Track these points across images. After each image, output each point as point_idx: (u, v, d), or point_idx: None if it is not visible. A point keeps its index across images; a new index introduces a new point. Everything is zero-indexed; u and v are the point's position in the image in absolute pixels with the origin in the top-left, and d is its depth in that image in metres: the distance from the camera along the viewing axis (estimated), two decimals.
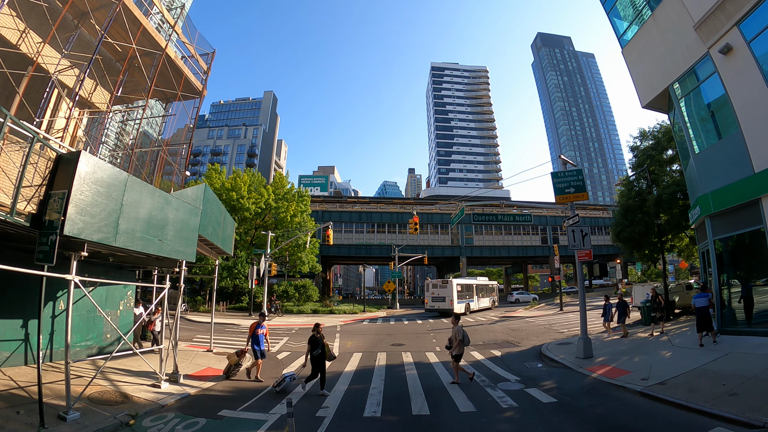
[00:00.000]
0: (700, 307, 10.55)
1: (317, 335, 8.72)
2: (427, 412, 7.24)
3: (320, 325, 9.12)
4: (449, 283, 29.23)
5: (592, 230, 31.30)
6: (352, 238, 50.80)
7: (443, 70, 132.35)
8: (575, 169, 12.90)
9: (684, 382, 7.70)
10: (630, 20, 14.67)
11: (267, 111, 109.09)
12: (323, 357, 8.62)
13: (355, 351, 14.26)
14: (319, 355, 8.55)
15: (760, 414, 5.61)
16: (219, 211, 12.36)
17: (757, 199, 9.80)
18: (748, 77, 9.74)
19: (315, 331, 8.83)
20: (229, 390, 9.16)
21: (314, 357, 8.56)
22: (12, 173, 5.88)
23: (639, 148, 21.71)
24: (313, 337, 8.68)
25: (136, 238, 7.45)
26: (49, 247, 5.89)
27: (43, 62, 10.16)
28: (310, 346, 8.62)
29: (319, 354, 8.56)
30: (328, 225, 25.53)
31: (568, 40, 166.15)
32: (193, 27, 15.31)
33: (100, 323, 10.86)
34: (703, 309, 10.50)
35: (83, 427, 6.11)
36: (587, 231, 12.04)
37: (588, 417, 6.70)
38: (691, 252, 22.85)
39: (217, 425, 6.74)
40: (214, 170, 35.05)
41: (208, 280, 30.84)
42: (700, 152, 12.33)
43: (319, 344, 8.61)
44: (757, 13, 9.35)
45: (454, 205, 47.54)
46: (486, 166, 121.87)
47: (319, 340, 8.65)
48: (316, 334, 8.74)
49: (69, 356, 6.44)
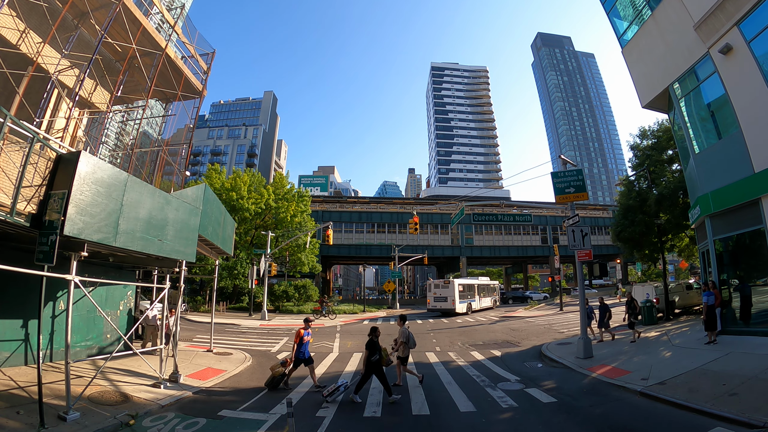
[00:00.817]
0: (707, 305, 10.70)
1: (375, 339, 8.02)
2: (427, 412, 7.24)
3: (377, 329, 8.37)
4: (451, 284, 29.43)
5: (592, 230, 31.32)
6: (352, 238, 50.80)
7: (443, 70, 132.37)
8: (575, 169, 12.90)
9: (684, 382, 7.70)
10: (630, 20, 14.68)
11: (267, 111, 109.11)
12: (380, 363, 7.94)
13: (356, 351, 14.26)
14: (377, 360, 7.85)
15: (760, 414, 5.61)
16: (219, 211, 12.36)
17: (757, 199, 9.80)
18: (748, 77, 9.74)
19: (373, 335, 8.10)
20: (230, 390, 9.16)
21: (372, 363, 7.82)
22: (12, 173, 5.88)
23: (639, 147, 21.72)
24: (371, 342, 7.98)
25: (136, 238, 7.44)
26: (49, 247, 5.89)
27: (43, 62, 10.16)
28: (368, 351, 7.89)
29: (377, 360, 7.87)
30: (328, 225, 25.54)
31: (568, 40, 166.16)
32: (193, 27, 15.32)
33: (100, 323, 10.86)
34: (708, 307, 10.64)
35: (83, 427, 6.11)
36: (587, 231, 12.04)
37: (588, 417, 6.70)
38: (692, 252, 22.87)
39: (217, 425, 6.74)
40: (214, 170, 35.05)
41: (208, 280, 30.84)
42: (700, 152, 12.33)
43: (378, 349, 7.93)
44: (757, 13, 9.35)
45: (454, 205, 47.57)
46: (486, 166, 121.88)
47: (377, 344, 7.98)
48: (374, 338, 8.03)
49: (69, 356, 6.44)
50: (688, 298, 19.41)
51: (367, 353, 7.91)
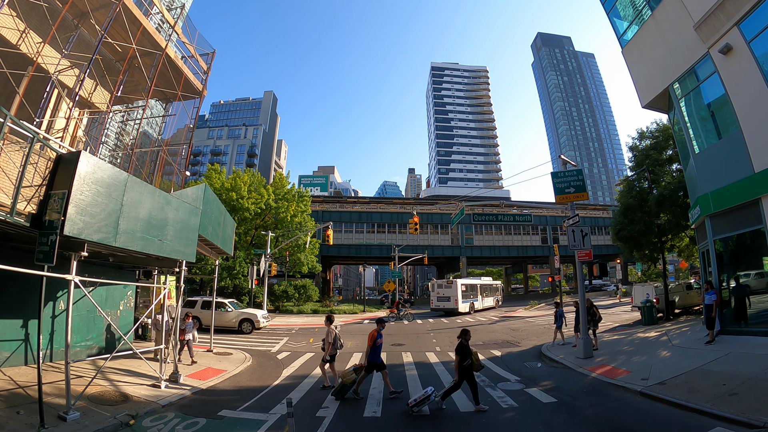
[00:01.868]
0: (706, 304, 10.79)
1: (466, 342, 7.50)
2: (428, 413, 7.24)
3: (468, 332, 7.80)
4: (454, 284, 29.76)
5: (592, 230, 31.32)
6: (352, 238, 50.79)
7: (443, 70, 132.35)
8: (575, 169, 12.90)
9: (684, 382, 7.70)
10: (630, 20, 14.67)
11: (267, 111, 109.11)
12: (471, 368, 7.42)
13: (355, 351, 14.27)
14: (468, 365, 7.34)
15: (760, 414, 5.60)
16: (219, 211, 12.36)
17: (757, 199, 9.80)
18: (748, 77, 9.73)
19: (463, 338, 7.57)
20: (230, 390, 9.16)
21: (464, 368, 7.30)
22: (12, 173, 5.88)
23: (638, 148, 21.74)
24: (462, 345, 7.43)
25: (136, 238, 7.45)
26: (49, 247, 5.89)
27: (43, 62, 10.16)
28: (459, 356, 7.32)
29: (469, 365, 7.35)
30: (328, 225, 25.57)
31: (568, 40, 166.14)
32: (193, 27, 15.33)
33: (100, 323, 10.87)
34: (707, 306, 10.72)
35: (83, 427, 6.11)
36: (587, 231, 12.04)
37: (588, 417, 6.70)
38: (691, 252, 22.84)
39: (217, 425, 6.74)
40: (214, 170, 35.03)
41: (208, 280, 30.82)
42: (700, 152, 12.32)
43: (469, 353, 7.41)
44: (757, 13, 9.35)
45: (454, 205, 47.56)
46: (486, 166, 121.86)
47: (468, 348, 7.47)
48: (464, 341, 7.50)
49: (69, 356, 6.44)
50: (688, 298, 19.40)
51: (458, 358, 7.32)
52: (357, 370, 8.44)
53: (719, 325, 10.84)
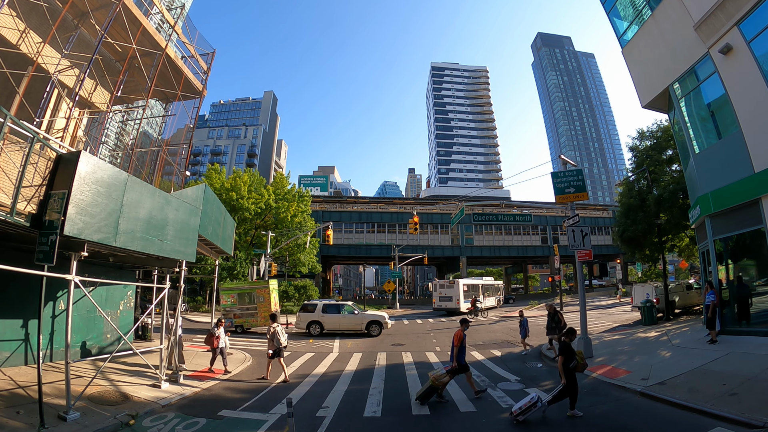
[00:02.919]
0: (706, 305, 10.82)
1: (569, 342, 6.99)
2: (428, 413, 7.24)
3: (574, 331, 7.30)
4: (456, 284, 30.37)
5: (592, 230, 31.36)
6: (352, 238, 50.78)
7: (443, 70, 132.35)
8: (575, 169, 12.90)
9: (684, 382, 7.70)
10: (630, 20, 14.67)
11: (267, 111, 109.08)
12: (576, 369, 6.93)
13: (356, 351, 14.26)
14: (573, 366, 6.83)
15: (760, 414, 5.60)
16: (219, 211, 12.36)
17: (757, 199, 9.80)
18: (748, 77, 9.73)
19: (568, 337, 7.06)
20: (230, 390, 9.16)
21: (569, 369, 6.79)
22: (12, 173, 5.88)
23: (638, 149, 21.74)
24: (567, 346, 6.92)
25: (136, 238, 7.45)
26: (49, 247, 5.89)
27: (43, 62, 10.16)
28: (564, 357, 6.79)
29: (574, 366, 6.84)
30: (328, 225, 25.58)
31: (568, 40, 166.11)
32: (193, 27, 15.33)
33: (100, 323, 10.87)
34: (708, 307, 10.74)
35: (83, 427, 6.11)
36: (587, 231, 12.04)
37: (588, 417, 6.69)
38: (692, 252, 22.85)
39: (218, 425, 6.74)
40: (214, 170, 35.04)
41: (208, 281, 30.83)
42: (700, 152, 12.32)
43: (574, 354, 6.86)
44: (757, 13, 9.35)
45: (454, 205, 47.50)
46: (486, 166, 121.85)
47: (572, 348, 6.96)
48: (568, 340, 7.00)
49: (69, 356, 6.44)
50: (688, 298, 19.39)
51: (562, 359, 6.79)
52: (450, 372, 7.95)
53: (719, 325, 10.85)
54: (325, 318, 18.40)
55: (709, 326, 10.75)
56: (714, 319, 10.61)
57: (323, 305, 19.02)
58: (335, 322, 18.50)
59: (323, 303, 19.33)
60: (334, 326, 18.49)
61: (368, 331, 18.53)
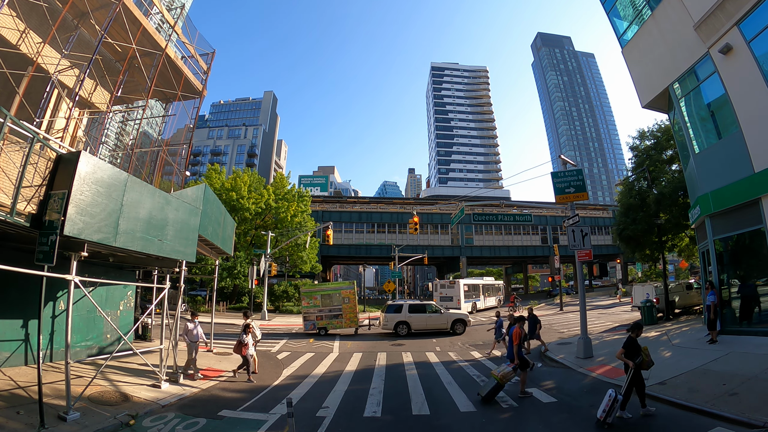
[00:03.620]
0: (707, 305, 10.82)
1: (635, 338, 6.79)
2: (427, 412, 7.24)
3: (641, 325, 7.09)
4: (456, 284, 30.57)
5: (592, 230, 31.40)
6: (352, 238, 50.78)
7: (443, 70, 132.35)
8: (575, 169, 12.90)
9: (684, 381, 7.70)
10: (630, 20, 14.67)
11: (267, 111, 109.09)
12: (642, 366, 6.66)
13: (356, 351, 14.26)
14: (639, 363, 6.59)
15: (760, 414, 5.60)
16: (219, 212, 12.36)
17: (757, 198, 9.80)
18: (748, 77, 9.73)
19: (634, 332, 6.86)
20: (230, 390, 9.16)
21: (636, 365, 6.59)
22: (12, 173, 5.88)
23: (638, 149, 21.76)
24: (633, 342, 6.70)
25: (136, 238, 7.45)
26: (49, 247, 5.89)
27: (43, 62, 10.16)
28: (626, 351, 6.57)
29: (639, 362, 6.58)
30: (328, 225, 25.58)
31: (568, 40, 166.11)
32: (193, 27, 15.33)
33: (100, 323, 10.86)
34: (708, 307, 10.74)
35: (83, 427, 6.11)
36: (587, 231, 12.04)
37: (588, 417, 6.68)
38: (692, 252, 22.85)
39: (218, 425, 6.74)
40: (214, 170, 35.06)
41: (208, 281, 30.82)
42: (700, 152, 12.32)
43: (640, 351, 6.63)
44: (757, 13, 9.35)
45: (454, 205, 47.48)
46: (486, 166, 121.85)
47: (638, 344, 6.72)
48: (633, 335, 6.81)
49: (69, 356, 6.44)
50: (688, 298, 19.40)
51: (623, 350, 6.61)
52: (515, 368, 7.93)
53: (719, 325, 10.85)
54: (412, 318, 18.49)
55: (710, 326, 10.75)
56: (715, 320, 10.62)
57: (409, 305, 19.04)
58: (422, 321, 18.62)
59: (408, 303, 19.32)
60: (421, 326, 18.58)
61: (453, 330, 18.55)
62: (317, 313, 18.84)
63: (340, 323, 18.81)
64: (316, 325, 18.66)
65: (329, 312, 18.86)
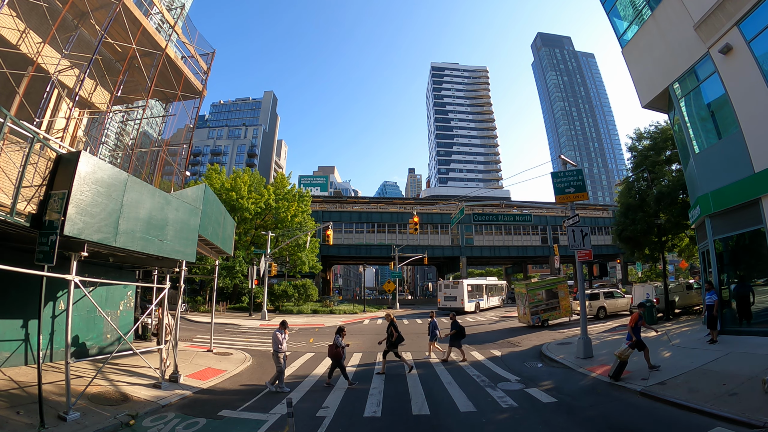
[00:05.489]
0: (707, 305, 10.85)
1: None
2: (428, 412, 7.23)
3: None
4: (460, 284, 31.27)
5: (592, 230, 31.45)
6: (352, 238, 50.77)
7: (443, 70, 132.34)
8: (575, 169, 12.90)
9: (684, 381, 7.70)
10: (630, 20, 14.68)
11: (267, 111, 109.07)
12: None
13: (356, 351, 14.26)
14: None
15: (760, 414, 5.60)
16: (219, 212, 12.35)
17: (757, 198, 9.80)
18: (748, 77, 9.74)
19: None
20: (230, 390, 9.16)
21: None
22: (12, 173, 5.88)
23: (637, 149, 21.77)
24: None
25: (136, 238, 7.45)
26: (49, 247, 5.89)
27: (43, 62, 10.16)
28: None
29: None
30: (328, 225, 25.56)
31: (568, 40, 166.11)
32: (193, 27, 15.32)
33: (100, 323, 10.87)
34: (709, 306, 10.77)
35: (83, 427, 6.11)
36: (587, 231, 12.04)
37: (588, 417, 6.70)
38: (692, 252, 22.86)
39: (218, 425, 6.74)
40: (214, 170, 35.04)
41: (208, 280, 30.84)
42: (700, 152, 12.33)
43: None
44: (757, 13, 9.36)
45: (454, 205, 47.51)
46: (486, 166, 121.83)
47: None
48: None
49: (69, 356, 6.44)
50: (688, 298, 19.42)
51: None
52: (632, 345, 8.64)
53: (719, 325, 10.85)
54: (608, 302, 21.87)
55: (710, 326, 10.76)
56: (715, 319, 10.63)
57: (603, 293, 22.32)
58: (613, 305, 22.19)
59: (603, 291, 22.67)
60: (613, 309, 22.04)
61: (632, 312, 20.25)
62: (542, 306, 20.29)
63: (558, 314, 20.68)
64: (540, 318, 19.93)
65: (549, 304, 20.59)
